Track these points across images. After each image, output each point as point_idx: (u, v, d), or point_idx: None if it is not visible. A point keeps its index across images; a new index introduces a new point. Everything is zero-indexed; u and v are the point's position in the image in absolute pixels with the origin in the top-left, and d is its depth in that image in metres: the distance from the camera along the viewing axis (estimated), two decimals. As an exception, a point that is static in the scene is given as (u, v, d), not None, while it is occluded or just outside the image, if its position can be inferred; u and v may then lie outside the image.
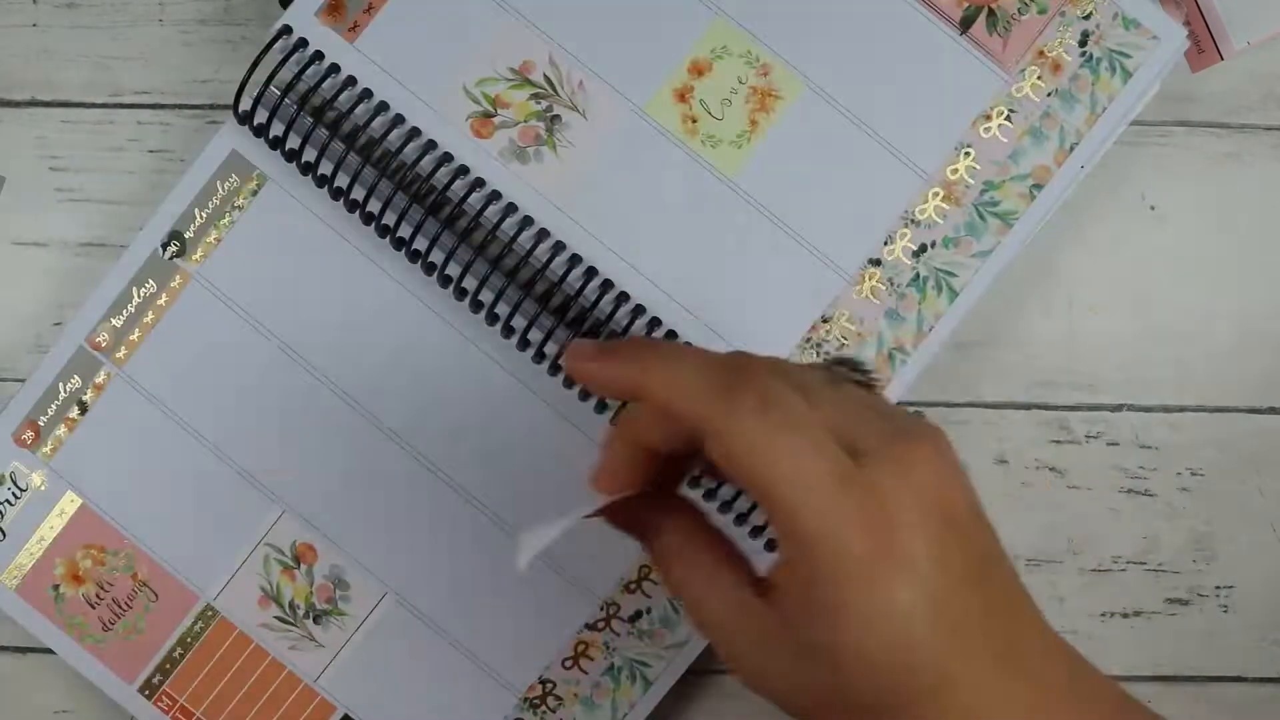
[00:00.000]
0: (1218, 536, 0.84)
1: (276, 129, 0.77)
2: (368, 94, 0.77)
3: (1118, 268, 0.84)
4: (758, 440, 0.54)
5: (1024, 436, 0.84)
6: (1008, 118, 0.77)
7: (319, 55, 0.77)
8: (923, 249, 0.77)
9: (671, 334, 0.76)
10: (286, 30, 0.78)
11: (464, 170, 0.77)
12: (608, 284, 0.76)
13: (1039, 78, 0.77)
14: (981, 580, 0.55)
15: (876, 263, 0.77)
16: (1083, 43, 0.77)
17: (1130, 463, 0.84)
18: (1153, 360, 0.84)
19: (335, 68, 0.77)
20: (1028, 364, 0.84)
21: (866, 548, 0.52)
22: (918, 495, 0.54)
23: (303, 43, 0.77)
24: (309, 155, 0.77)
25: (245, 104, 0.77)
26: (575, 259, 0.76)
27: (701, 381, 0.56)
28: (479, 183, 0.77)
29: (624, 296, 0.76)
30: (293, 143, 0.77)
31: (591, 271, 0.76)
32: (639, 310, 0.76)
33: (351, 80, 0.77)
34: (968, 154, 0.77)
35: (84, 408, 0.79)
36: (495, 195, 0.77)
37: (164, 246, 0.79)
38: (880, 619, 0.53)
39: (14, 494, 0.79)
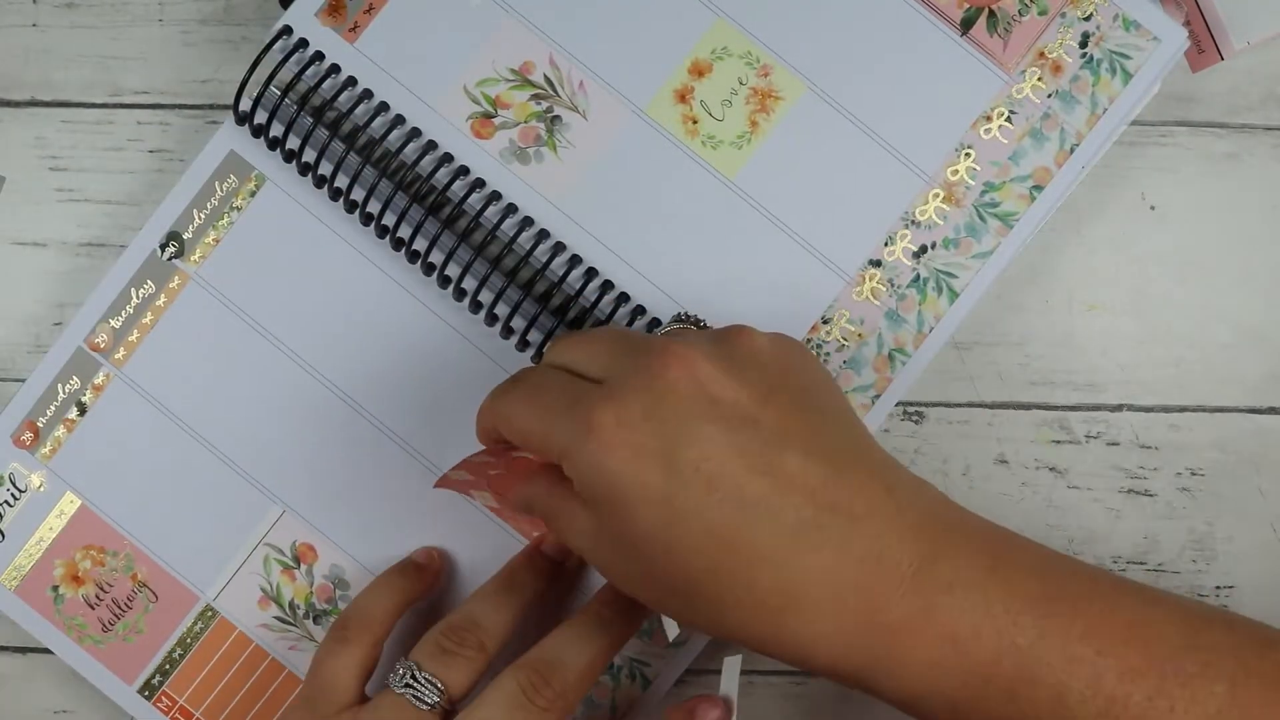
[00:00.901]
0: (1218, 536, 0.84)
1: (276, 129, 0.77)
2: (368, 94, 0.77)
3: (1118, 268, 0.84)
4: (508, 409, 0.68)
5: (1024, 436, 0.84)
6: (1008, 119, 0.77)
7: (319, 55, 0.77)
8: (923, 250, 0.77)
9: (671, 335, 0.76)
10: (287, 30, 0.78)
11: (464, 171, 0.77)
12: (608, 285, 0.76)
13: (1039, 79, 0.77)
14: (758, 450, 0.63)
15: (877, 264, 0.77)
16: (1083, 44, 0.76)
17: (1130, 463, 0.83)
18: (1153, 360, 0.83)
19: (335, 68, 0.77)
20: (1028, 364, 0.83)
21: (600, 446, 0.63)
22: (653, 389, 0.63)
23: (303, 43, 0.77)
24: (308, 156, 0.77)
25: (245, 104, 0.77)
26: (575, 259, 0.76)
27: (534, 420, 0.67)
28: (479, 183, 0.77)
29: (624, 297, 0.76)
30: (292, 143, 0.77)
31: (591, 272, 0.76)
32: (639, 311, 0.76)
33: (352, 80, 0.77)
34: (968, 155, 0.77)
35: (83, 409, 0.79)
36: (495, 196, 0.77)
37: (162, 248, 0.79)
38: (638, 505, 0.63)
39: (13, 495, 0.79)
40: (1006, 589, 0.63)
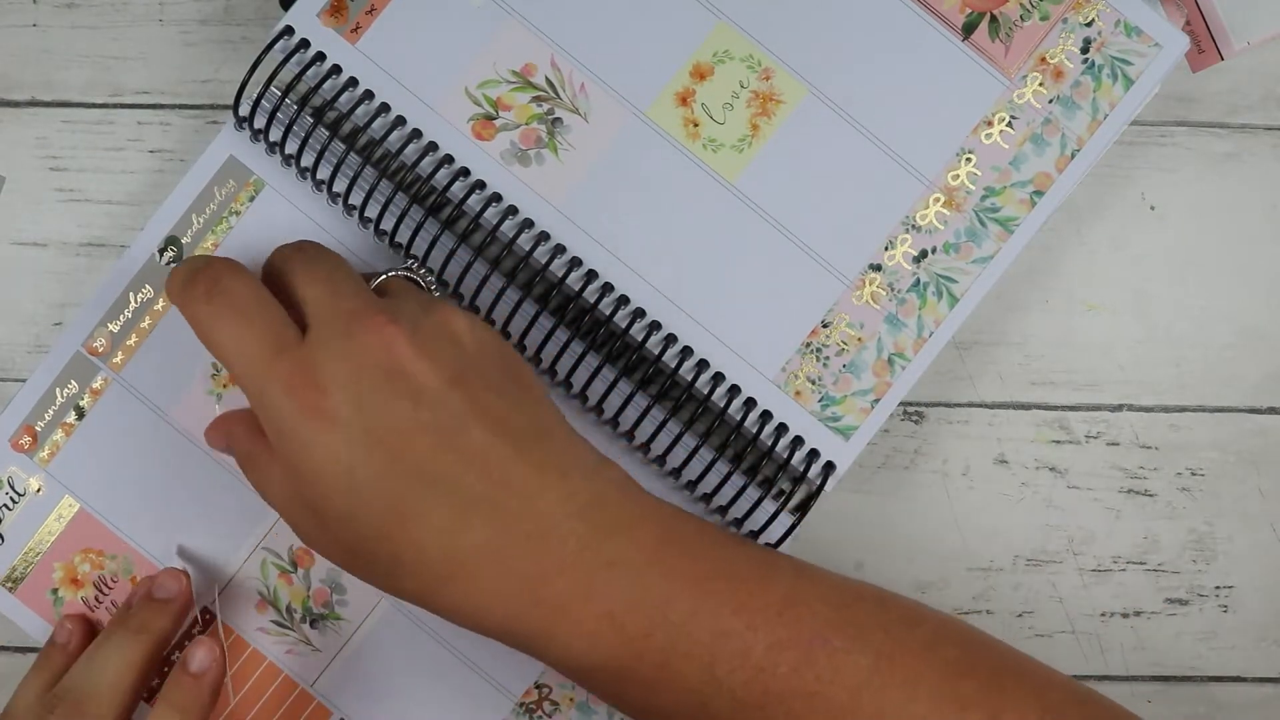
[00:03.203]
0: (1218, 536, 0.84)
1: (275, 132, 0.77)
2: (369, 95, 0.77)
3: (1118, 268, 0.84)
4: (206, 322, 0.66)
5: (1024, 436, 0.84)
6: (1009, 124, 0.77)
7: (320, 56, 0.77)
8: (923, 254, 0.77)
9: (671, 338, 0.76)
10: (288, 31, 0.77)
11: (465, 172, 0.77)
12: (608, 287, 0.76)
13: (1041, 84, 0.76)
14: (444, 428, 0.65)
15: (877, 268, 0.77)
16: (1084, 49, 0.76)
17: (1130, 463, 0.84)
18: (1153, 360, 0.84)
19: (337, 69, 0.77)
20: (1028, 364, 0.83)
21: (295, 408, 0.64)
22: (352, 358, 0.64)
23: (304, 44, 0.77)
24: (308, 159, 0.77)
25: (244, 108, 0.77)
26: (575, 262, 0.76)
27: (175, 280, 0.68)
28: (479, 185, 0.77)
29: (624, 300, 0.76)
30: (292, 146, 0.77)
31: (591, 274, 0.76)
32: (639, 313, 0.76)
33: (353, 81, 0.77)
34: (969, 160, 0.77)
35: (81, 413, 0.79)
36: (496, 197, 0.76)
37: (160, 252, 0.79)
38: (322, 470, 0.64)
39: (12, 498, 0.79)
40: (664, 569, 0.67)
